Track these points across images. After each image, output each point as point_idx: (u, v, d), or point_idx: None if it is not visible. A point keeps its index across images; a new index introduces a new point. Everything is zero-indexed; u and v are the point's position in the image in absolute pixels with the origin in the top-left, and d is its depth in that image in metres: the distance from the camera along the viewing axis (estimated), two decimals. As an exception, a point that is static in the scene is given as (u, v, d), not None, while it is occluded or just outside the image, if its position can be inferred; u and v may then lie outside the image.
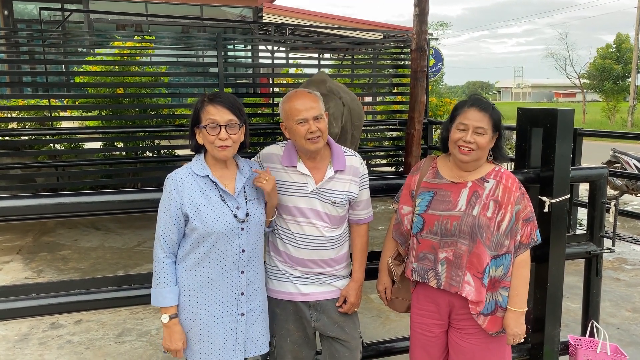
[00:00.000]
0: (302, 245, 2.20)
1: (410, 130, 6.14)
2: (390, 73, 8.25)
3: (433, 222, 2.19)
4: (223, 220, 1.98)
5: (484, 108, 2.15)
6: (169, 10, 11.37)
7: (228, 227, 1.99)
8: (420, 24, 5.79)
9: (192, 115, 2.05)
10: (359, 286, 2.31)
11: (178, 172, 2.02)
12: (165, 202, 1.99)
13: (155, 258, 1.99)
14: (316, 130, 2.10)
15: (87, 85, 7.17)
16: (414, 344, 2.35)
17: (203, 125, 1.97)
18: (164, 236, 1.98)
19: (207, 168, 2.03)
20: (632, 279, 5.04)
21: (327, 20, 11.77)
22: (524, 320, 2.17)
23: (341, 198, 2.20)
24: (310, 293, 2.24)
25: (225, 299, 2.02)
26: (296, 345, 2.28)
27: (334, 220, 2.22)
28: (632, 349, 3.63)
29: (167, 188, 1.99)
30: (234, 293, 2.04)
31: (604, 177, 2.86)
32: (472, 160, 2.16)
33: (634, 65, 26.47)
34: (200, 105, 2.01)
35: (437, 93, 16.47)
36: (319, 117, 2.12)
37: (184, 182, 1.99)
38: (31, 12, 12.40)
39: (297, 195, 2.18)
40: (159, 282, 1.97)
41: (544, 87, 72.22)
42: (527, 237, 2.16)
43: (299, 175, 2.19)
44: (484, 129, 2.12)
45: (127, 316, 4.19)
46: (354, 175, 2.24)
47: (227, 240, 2.00)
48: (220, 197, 2.01)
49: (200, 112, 2.00)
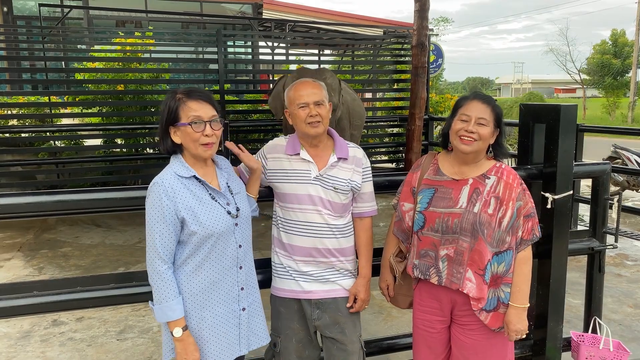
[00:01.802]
0: (306, 233, 2.20)
1: (410, 127, 6.13)
2: (390, 69, 8.23)
3: (434, 220, 2.18)
4: (219, 219, 1.94)
5: (487, 101, 2.17)
6: (168, 6, 11.34)
7: (225, 226, 1.95)
8: (421, 20, 5.77)
9: (164, 114, 1.92)
10: (366, 282, 2.31)
11: (163, 178, 1.90)
12: (157, 210, 1.86)
13: (154, 272, 1.86)
14: (316, 115, 2.15)
15: (87, 82, 7.16)
16: (416, 341, 2.35)
17: (187, 123, 1.88)
18: (163, 247, 1.86)
19: (191, 168, 1.95)
20: (634, 275, 5.04)
21: (327, 16, 11.75)
22: (526, 317, 2.17)
23: (344, 185, 2.21)
24: (313, 290, 2.23)
25: (228, 296, 2.00)
26: (301, 345, 2.28)
27: (337, 207, 2.22)
28: (634, 344, 3.62)
29: (156, 196, 1.86)
30: (234, 289, 2.02)
31: (606, 173, 2.85)
32: (473, 151, 2.14)
33: (635, 60, 26.44)
34: (176, 102, 1.90)
35: (437, 89, 16.44)
36: (320, 103, 2.17)
37: (173, 187, 1.88)
38: (31, 9, 12.38)
39: (301, 183, 2.20)
40: (166, 296, 1.86)
41: (544, 82, 72.08)
42: (528, 233, 2.15)
43: (302, 163, 2.22)
44: (486, 120, 2.12)
45: (128, 313, 4.19)
46: (357, 165, 2.26)
47: (226, 239, 1.97)
48: (210, 196, 1.96)
49: (179, 109, 1.89)
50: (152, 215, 1.87)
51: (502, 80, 78.46)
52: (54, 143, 7.35)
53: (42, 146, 7.34)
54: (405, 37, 8.32)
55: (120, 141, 7.52)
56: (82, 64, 7.40)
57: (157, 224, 1.86)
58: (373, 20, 12.48)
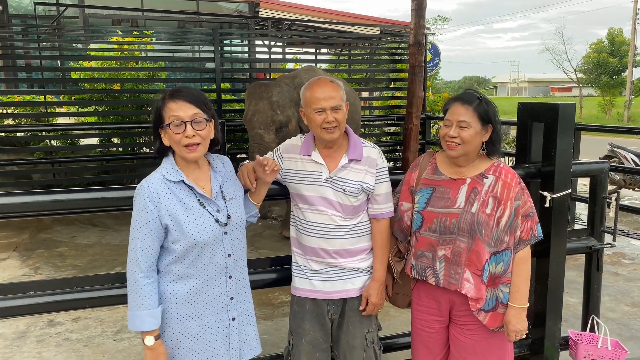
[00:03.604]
0: (312, 233, 2.20)
1: (408, 126, 6.11)
2: (387, 68, 8.22)
3: (432, 220, 2.17)
4: (205, 228, 1.85)
5: (467, 101, 2.13)
6: (165, 5, 11.32)
7: (212, 235, 1.87)
8: (417, 19, 5.76)
9: (153, 116, 1.88)
10: (379, 285, 2.25)
11: (149, 181, 1.84)
12: (141, 216, 1.80)
13: (130, 278, 1.81)
14: (332, 121, 2.09)
15: (83, 80, 7.12)
16: (415, 340, 2.35)
17: (166, 124, 1.82)
18: (143, 254, 1.80)
19: (180, 172, 1.87)
20: (631, 274, 5.05)
21: (324, 15, 11.74)
22: (525, 316, 2.17)
23: (354, 187, 2.15)
24: (325, 290, 2.23)
25: (216, 306, 1.93)
26: (311, 346, 2.26)
27: (347, 209, 2.18)
28: (632, 343, 3.63)
29: (141, 200, 1.81)
30: (223, 299, 1.95)
31: (604, 171, 2.86)
32: (459, 155, 2.14)
33: (631, 59, 26.53)
34: (161, 103, 1.85)
35: (434, 88, 16.46)
36: (338, 108, 2.10)
37: (158, 192, 1.82)
38: (26, 8, 12.32)
39: (312, 184, 2.19)
40: (137, 305, 1.80)
41: (541, 81, 72.27)
42: (527, 232, 2.14)
43: (314, 164, 2.19)
44: (467, 123, 2.10)
45: (125, 313, 4.16)
46: (370, 167, 2.19)
47: (212, 248, 1.89)
48: (198, 203, 1.88)
49: (162, 111, 1.84)
50: (137, 219, 1.81)
51: (499, 79, 78.61)
52: (50, 142, 7.31)
53: (37, 145, 7.30)
54: (402, 36, 8.31)
55: (116, 140, 7.48)
56: (77, 62, 7.36)
57: (140, 229, 1.81)
58: (370, 19, 12.47)
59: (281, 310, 4.13)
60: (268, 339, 3.72)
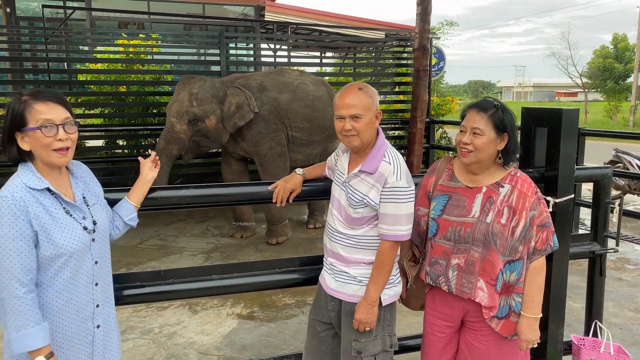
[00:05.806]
0: (326, 230, 2.29)
1: (412, 129, 6.14)
2: (392, 72, 8.25)
3: (447, 228, 2.18)
4: (75, 237, 1.75)
5: (483, 109, 2.12)
6: (171, 8, 11.36)
7: (81, 243, 1.77)
8: (423, 23, 5.79)
9: (8, 119, 1.71)
10: (367, 304, 2.10)
11: (12, 191, 1.67)
12: (11, 228, 1.64)
13: (9, 297, 1.64)
14: (350, 129, 2.08)
15: (89, 83, 7.17)
16: (425, 343, 2.37)
17: (36, 127, 1.68)
18: (22, 267, 1.65)
19: (43, 179, 1.73)
20: (635, 279, 5.03)
21: (329, 19, 11.76)
22: (538, 326, 2.16)
23: (356, 199, 2.11)
24: (327, 285, 2.27)
25: (82, 315, 1.82)
26: (315, 341, 2.35)
27: (348, 218, 2.15)
28: (635, 348, 3.62)
29: (8, 210, 1.64)
30: (89, 308, 1.84)
31: (608, 177, 2.86)
32: (472, 162, 2.13)
33: (636, 64, 26.41)
34: (21, 105, 1.70)
35: (439, 92, 16.44)
36: (357, 117, 2.07)
37: (25, 201, 1.67)
38: (34, 10, 12.41)
39: (336, 183, 2.26)
40: (23, 324, 1.64)
41: (546, 86, 72.08)
42: (542, 243, 2.11)
43: (341, 165, 2.25)
44: (480, 130, 2.08)
45: (130, 314, 4.19)
46: (378, 182, 2.08)
47: (81, 256, 1.78)
48: (64, 211, 1.76)
49: (25, 113, 1.69)
50: (7, 232, 1.64)
51: (504, 84, 78.44)
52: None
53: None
54: (407, 40, 8.33)
55: (122, 142, 7.53)
56: (84, 65, 7.42)
57: (14, 242, 1.64)
58: (375, 23, 12.50)
59: (284, 313, 4.14)
60: (271, 341, 3.73)
